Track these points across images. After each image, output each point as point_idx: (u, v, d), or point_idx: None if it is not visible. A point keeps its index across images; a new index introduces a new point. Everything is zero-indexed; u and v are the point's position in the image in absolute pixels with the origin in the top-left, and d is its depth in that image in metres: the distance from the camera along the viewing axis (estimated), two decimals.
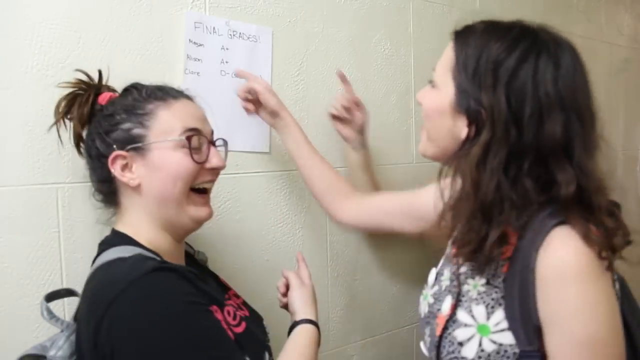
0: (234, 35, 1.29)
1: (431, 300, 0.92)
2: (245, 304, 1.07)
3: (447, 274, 0.92)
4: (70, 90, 0.97)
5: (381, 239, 1.58)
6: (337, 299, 1.52)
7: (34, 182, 1.03)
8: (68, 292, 0.96)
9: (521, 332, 0.76)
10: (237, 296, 1.07)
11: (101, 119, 0.93)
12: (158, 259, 0.88)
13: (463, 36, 0.88)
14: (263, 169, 1.37)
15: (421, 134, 0.93)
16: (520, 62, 0.79)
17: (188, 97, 0.97)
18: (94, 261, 0.92)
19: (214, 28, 1.25)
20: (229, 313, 0.93)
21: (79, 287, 1.06)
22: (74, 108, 0.96)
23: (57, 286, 1.06)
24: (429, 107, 0.89)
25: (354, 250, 1.55)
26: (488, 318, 0.80)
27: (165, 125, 0.90)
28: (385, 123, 1.59)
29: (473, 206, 0.79)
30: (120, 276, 0.80)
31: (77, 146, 0.99)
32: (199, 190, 0.95)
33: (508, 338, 0.78)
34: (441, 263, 0.97)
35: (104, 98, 0.96)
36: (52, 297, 0.92)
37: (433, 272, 0.97)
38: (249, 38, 1.31)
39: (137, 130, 0.90)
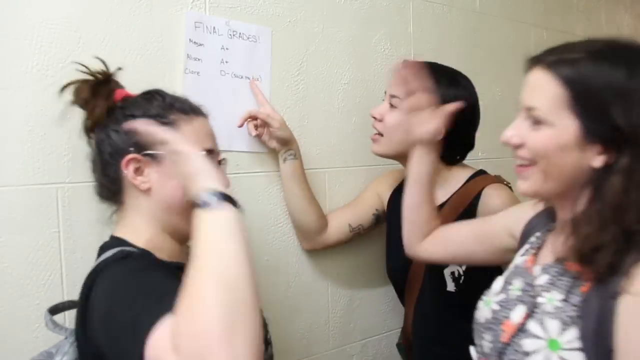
0: (234, 35, 1.29)
1: (496, 307, 0.90)
2: None
3: (517, 284, 0.90)
4: (88, 77, 0.96)
5: (381, 239, 1.58)
6: (337, 299, 1.53)
7: (34, 182, 1.03)
8: (71, 305, 0.97)
9: (593, 355, 0.76)
10: None
11: (121, 116, 0.92)
12: (129, 249, 0.90)
13: (566, 67, 0.82)
14: (263, 169, 1.37)
15: (526, 176, 0.87)
16: None
17: (205, 115, 0.98)
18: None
19: (214, 28, 1.25)
20: None
21: (79, 288, 1.06)
22: (95, 96, 0.95)
23: (57, 286, 1.06)
24: (544, 146, 0.83)
25: (354, 250, 1.55)
26: (560, 334, 0.79)
27: (182, 138, 0.90)
28: None
29: (615, 231, 0.77)
30: (98, 267, 0.86)
31: (88, 135, 0.98)
32: None
33: (577, 358, 0.76)
34: (509, 272, 0.96)
35: (120, 94, 0.96)
36: (55, 310, 0.94)
37: (500, 280, 0.95)
38: (248, 38, 1.31)
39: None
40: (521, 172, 0.88)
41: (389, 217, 1.48)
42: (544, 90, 0.82)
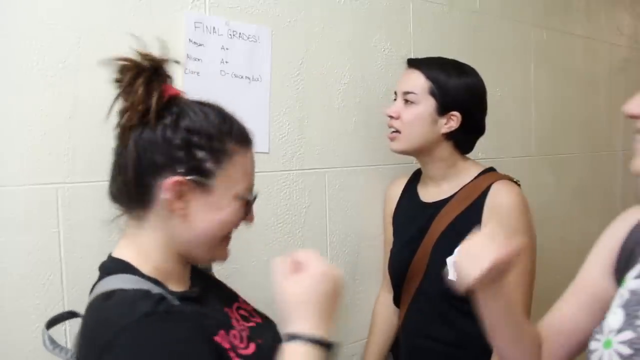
0: (233, 35, 1.29)
1: (627, 351, 0.71)
2: (256, 311, 1.01)
3: None
4: (139, 60, 0.81)
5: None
6: None
7: (34, 182, 1.03)
8: (70, 315, 0.91)
9: None
10: (246, 303, 1.02)
11: (173, 125, 0.80)
12: (157, 292, 0.79)
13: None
14: (263, 169, 1.36)
15: (637, 150, 0.78)
16: None
17: (252, 144, 0.89)
18: (93, 287, 0.84)
19: (214, 28, 1.25)
20: (235, 336, 0.86)
21: (79, 288, 1.06)
22: (148, 90, 0.79)
23: (57, 286, 1.06)
24: None
25: (354, 250, 1.55)
26: None
27: (236, 175, 0.84)
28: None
29: None
30: (115, 318, 0.73)
31: (125, 133, 0.80)
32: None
33: None
34: (624, 301, 0.76)
35: (168, 90, 0.82)
36: (53, 322, 0.87)
37: (618, 312, 0.75)
38: (248, 38, 1.31)
39: (209, 165, 0.81)
40: None
41: (396, 217, 1.50)
42: None
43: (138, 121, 0.78)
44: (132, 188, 0.82)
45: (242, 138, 0.86)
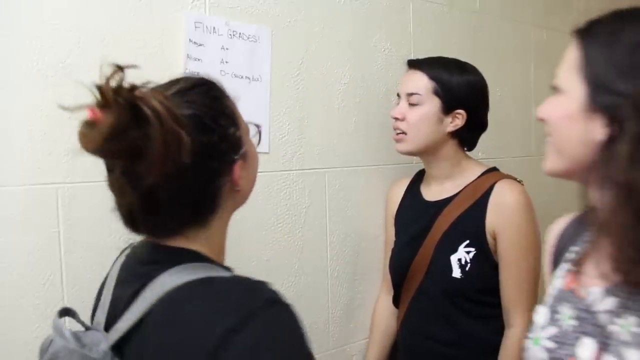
0: (233, 35, 1.29)
1: (550, 345, 0.77)
2: None
3: (568, 311, 0.77)
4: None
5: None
6: (337, 299, 1.52)
7: (34, 182, 1.03)
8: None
9: None
10: None
11: (202, 132, 0.74)
12: (264, 284, 0.73)
13: (588, 31, 0.79)
14: (263, 169, 1.36)
15: (546, 152, 0.81)
16: None
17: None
18: (142, 286, 0.72)
19: (214, 28, 1.25)
20: None
21: (79, 288, 1.06)
22: None
23: (57, 286, 1.06)
24: (554, 116, 0.77)
25: (354, 250, 1.55)
26: None
27: (244, 123, 0.83)
28: (386, 123, 1.59)
29: (630, 214, 0.67)
30: (236, 304, 0.68)
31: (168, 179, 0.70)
32: None
33: None
34: (552, 299, 0.82)
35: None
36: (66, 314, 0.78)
37: (543, 311, 0.82)
38: (248, 38, 1.31)
39: (237, 132, 0.79)
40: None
41: (398, 217, 1.50)
42: (566, 58, 0.81)
43: (172, 167, 0.68)
44: (202, 203, 0.77)
45: (222, 87, 0.82)
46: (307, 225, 1.45)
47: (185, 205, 0.75)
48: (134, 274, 0.77)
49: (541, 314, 0.82)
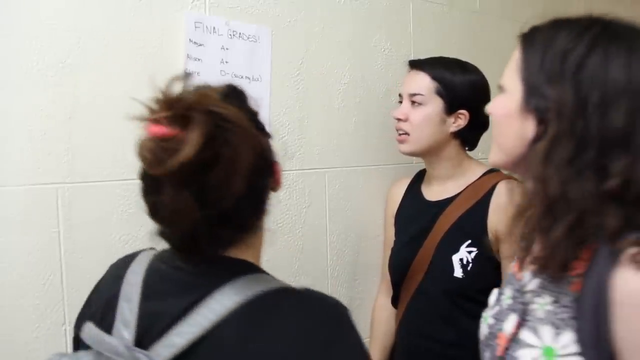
0: (234, 35, 1.29)
1: (491, 321, 0.86)
2: None
3: (508, 292, 0.85)
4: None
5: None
6: (337, 298, 1.52)
7: (34, 182, 1.03)
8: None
9: (594, 358, 0.70)
10: None
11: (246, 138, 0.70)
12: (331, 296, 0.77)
13: (529, 35, 0.86)
14: None
15: (492, 144, 0.87)
16: (589, 49, 0.76)
17: None
18: (198, 299, 0.67)
19: (214, 28, 1.25)
20: None
21: (79, 288, 1.06)
22: None
23: (56, 286, 1.06)
24: (497, 113, 0.86)
25: (354, 250, 1.55)
26: (555, 339, 0.74)
27: None
28: (386, 123, 1.59)
29: (542, 205, 0.74)
30: (324, 316, 0.71)
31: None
32: None
33: None
34: (505, 283, 0.91)
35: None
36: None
37: (495, 292, 0.91)
38: (248, 38, 1.31)
39: (265, 127, 0.81)
40: None
41: (398, 216, 1.50)
42: (512, 59, 0.88)
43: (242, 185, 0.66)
44: (261, 206, 0.76)
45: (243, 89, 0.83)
46: (307, 225, 1.45)
47: (252, 211, 0.73)
48: (180, 285, 0.70)
49: (493, 295, 0.91)
